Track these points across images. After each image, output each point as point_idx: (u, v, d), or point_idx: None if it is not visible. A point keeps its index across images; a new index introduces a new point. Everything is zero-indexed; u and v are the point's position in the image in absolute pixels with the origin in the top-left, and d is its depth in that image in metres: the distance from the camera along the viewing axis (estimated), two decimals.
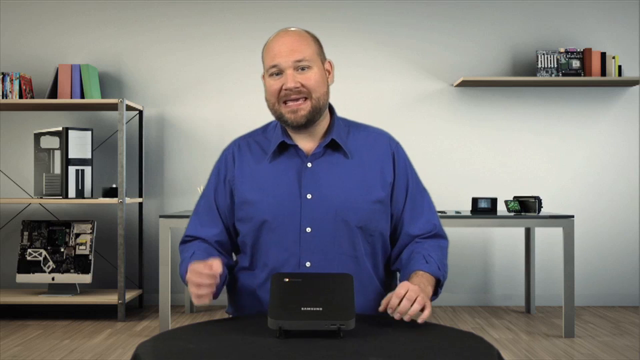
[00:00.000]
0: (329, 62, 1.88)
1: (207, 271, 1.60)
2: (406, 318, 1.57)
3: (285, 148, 1.84)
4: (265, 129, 1.92)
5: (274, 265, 1.80)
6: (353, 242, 1.81)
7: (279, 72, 1.78)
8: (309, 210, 1.79)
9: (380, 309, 1.63)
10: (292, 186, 1.80)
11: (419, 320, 1.58)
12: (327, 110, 1.87)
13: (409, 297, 1.58)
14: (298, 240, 1.78)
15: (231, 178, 1.87)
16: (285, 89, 1.77)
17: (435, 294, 1.79)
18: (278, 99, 1.79)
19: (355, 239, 1.81)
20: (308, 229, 1.78)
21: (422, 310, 1.60)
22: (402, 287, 1.61)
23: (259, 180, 1.83)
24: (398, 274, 1.93)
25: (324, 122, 1.86)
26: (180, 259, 1.88)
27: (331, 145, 1.84)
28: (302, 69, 1.78)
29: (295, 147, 1.83)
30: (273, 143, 1.85)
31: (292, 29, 1.85)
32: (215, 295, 1.66)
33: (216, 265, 1.61)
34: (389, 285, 1.94)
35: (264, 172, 1.83)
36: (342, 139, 1.85)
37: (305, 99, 1.78)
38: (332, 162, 1.83)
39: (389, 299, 1.61)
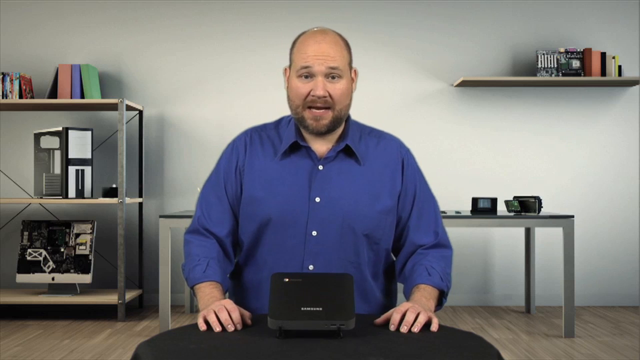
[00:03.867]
0: (355, 70, 1.87)
1: (230, 325, 1.54)
2: (415, 329, 1.53)
3: (297, 147, 1.83)
4: (277, 124, 1.90)
5: (276, 265, 1.79)
6: (357, 249, 1.80)
7: (309, 75, 1.76)
8: (317, 214, 1.78)
9: (378, 321, 1.60)
10: (302, 188, 1.79)
11: (432, 329, 1.54)
12: None
13: (412, 311, 1.56)
14: (303, 242, 1.78)
15: (242, 166, 1.84)
16: (313, 96, 1.75)
17: (440, 304, 1.78)
18: (303, 103, 1.77)
19: (359, 246, 1.80)
20: (314, 233, 1.78)
21: (429, 323, 1.56)
22: (402, 305, 1.60)
23: (267, 177, 1.81)
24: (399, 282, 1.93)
25: (339, 127, 1.84)
26: (190, 256, 1.83)
27: (344, 150, 1.83)
28: (333, 77, 1.76)
29: (308, 148, 1.82)
30: (285, 142, 1.82)
31: (329, 31, 1.81)
32: None
33: (237, 319, 1.56)
34: (388, 292, 1.93)
35: (274, 169, 1.81)
36: (355, 144, 1.83)
37: (328, 108, 1.77)
38: (344, 167, 1.82)
39: (389, 314, 1.59)
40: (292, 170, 1.81)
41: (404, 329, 1.53)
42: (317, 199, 1.78)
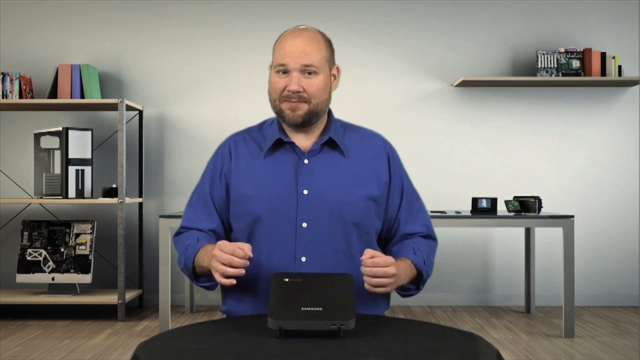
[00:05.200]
0: (337, 67, 1.90)
1: (240, 252, 1.61)
2: (375, 274, 1.64)
3: (282, 144, 1.86)
4: (261, 126, 1.94)
5: (269, 259, 1.80)
6: (348, 238, 1.82)
7: (286, 71, 1.80)
8: (305, 206, 1.80)
9: (363, 257, 1.65)
10: (289, 181, 1.82)
11: (374, 289, 1.65)
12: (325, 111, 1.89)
13: (380, 282, 1.64)
14: (294, 235, 1.79)
15: (227, 172, 1.88)
16: (288, 90, 1.79)
17: (418, 288, 1.85)
18: (280, 97, 1.81)
19: (350, 235, 1.82)
20: (304, 224, 1.80)
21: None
22: (390, 267, 1.65)
23: (255, 175, 1.84)
24: None
25: (321, 122, 1.88)
26: (180, 246, 1.87)
27: (328, 143, 1.86)
28: (309, 73, 1.80)
29: (292, 143, 1.85)
30: (269, 139, 1.86)
31: (307, 28, 1.85)
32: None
33: (247, 249, 1.63)
34: None
35: (260, 167, 1.85)
36: (339, 137, 1.87)
37: (304, 102, 1.80)
38: (329, 159, 1.85)
39: (374, 263, 1.64)
40: (278, 166, 1.84)
41: (366, 277, 1.64)
42: (305, 191, 1.81)
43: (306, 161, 1.84)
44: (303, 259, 1.79)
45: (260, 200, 1.81)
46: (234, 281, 1.63)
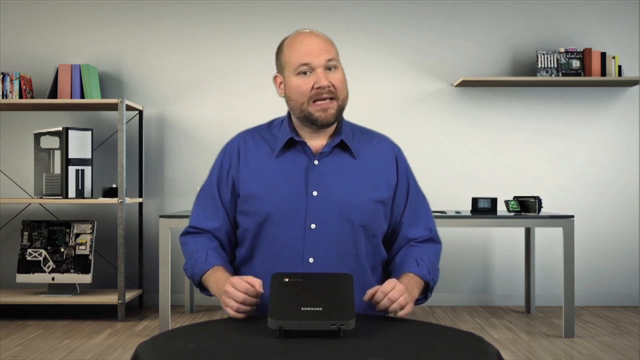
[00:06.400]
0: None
1: (252, 290, 1.63)
2: (388, 309, 1.64)
3: (293, 145, 1.85)
4: (270, 125, 1.93)
5: (276, 260, 1.80)
6: (355, 241, 1.82)
7: (309, 71, 1.79)
8: (315, 207, 1.80)
9: (365, 298, 1.67)
10: (299, 182, 1.81)
11: (399, 315, 1.65)
12: None
13: (391, 297, 1.63)
14: (302, 236, 1.79)
15: (235, 173, 1.87)
16: (318, 87, 1.78)
17: (425, 297, 1.85)
18: (308, 98, 1.79)
19: (357, 238, 1.82)
20: (313, 226, 1.79)
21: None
22: (388, 284, 1.66)
23: (264, 175, 1.84)
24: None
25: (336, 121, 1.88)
26: (188, 254, 1.88)
27: (339, 145, 1.86)
28: (330, 69, 1.80)
29: (303, 144, 1.84)
30: (281, 139, 1.85)
31: (312, 30, 1.86)
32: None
33: (258, 286, 1.64)
34: None
35: (270, 167, 1.84)
36: (350, 140, 1.87)
37: (332, 99, 1.80)
38: (340, 161, 1.85)
39: (375, 291, 1.66)
40: (288, 166, 1.84)
41: (378, 309, 1.64)
42: (315, 193, 1.81)
43: (316, 162, 1.83)
44: (311, 260, 1.79)
45: (269, 200, 1.81)
46: (245, 315, 1.65)
